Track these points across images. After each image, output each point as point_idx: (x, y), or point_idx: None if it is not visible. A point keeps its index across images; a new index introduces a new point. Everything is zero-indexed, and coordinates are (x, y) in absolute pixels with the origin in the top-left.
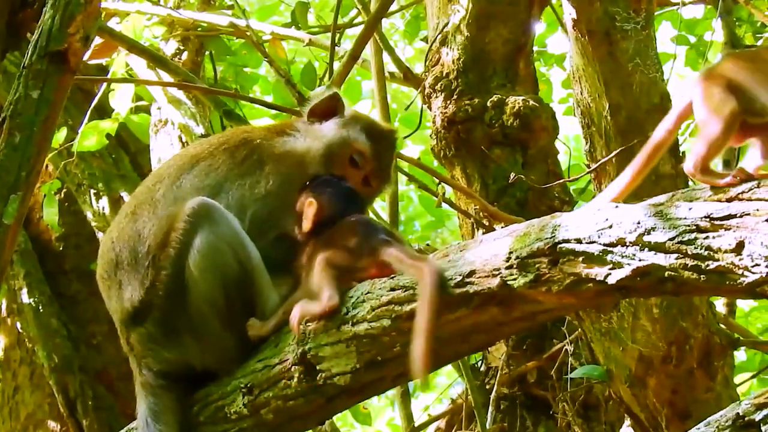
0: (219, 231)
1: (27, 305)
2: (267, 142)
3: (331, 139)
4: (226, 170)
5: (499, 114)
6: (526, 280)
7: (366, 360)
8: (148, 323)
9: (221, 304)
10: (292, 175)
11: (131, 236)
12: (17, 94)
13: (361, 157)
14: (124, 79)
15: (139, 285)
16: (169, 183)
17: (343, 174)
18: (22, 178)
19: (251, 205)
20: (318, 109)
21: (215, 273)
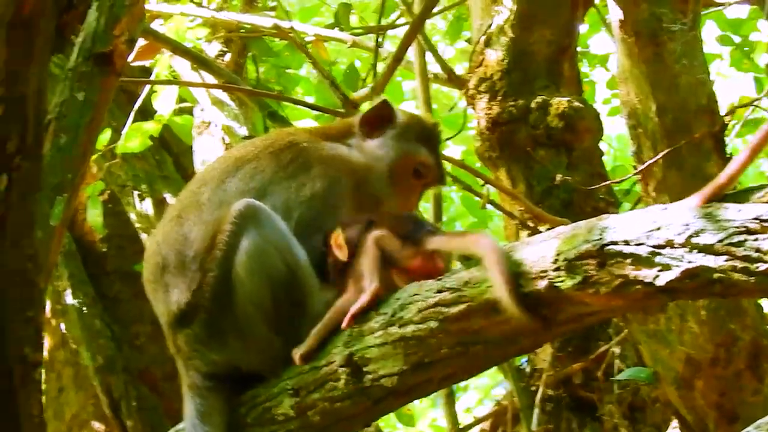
0: (265, 233)
1: (71, 306)
2: (313, 145)
3: (395, 157)
4: (272, 173)
5: (544, 115)
6: (573, 282)
7: (413, 362)
8: (195, 325)
9: (268, 306)
10: (340, 180)
11: (177, 240)
12: (63, 97)
13: (425, 167)
14: (168, 80)
15: (186, 288)
16: (214, 186)
17: (406, 186)
18: (68, 180)
19: (297, 208)
20: (369, 119)
21: (262, 275)
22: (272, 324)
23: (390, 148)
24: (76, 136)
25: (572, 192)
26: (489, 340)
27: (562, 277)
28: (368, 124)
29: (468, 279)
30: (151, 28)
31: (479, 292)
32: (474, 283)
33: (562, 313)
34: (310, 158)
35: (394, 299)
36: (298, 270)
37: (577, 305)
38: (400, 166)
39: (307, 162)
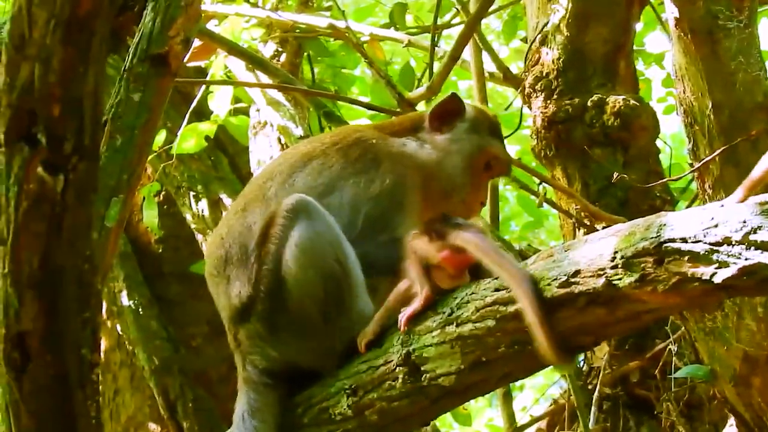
0: (316, 227)
1: (127, 308)
2: (382, 141)
3: (470, 151)
4: (340, 169)
5: (600, 114)
6: (631, 280)
7: (470, 361)
8: (254, 319)
9: (320, 299)
10: (408, 176)
11: (241, 232)
12: (118, 97)
13: (496, 160)
14: (223, 81)
15: (247, 281)
16: (281, 181)
17: (477, 179)
18: (124, 181)
19: (365, 204)
20: (439, 113)
21: (313, 268)
22: (326, 318)
23: (464, 141)
24: (132, 137)
25: (628, 190)
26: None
27: (619, 274)
28: (438, 118)
29: None
30: (207, 29)
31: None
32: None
33: (620, 311)
34: (378, 154)
35: (452, 298)
36: (348, 267)
37: (635, 303)
38: (475, 160)
39: (376, 158)
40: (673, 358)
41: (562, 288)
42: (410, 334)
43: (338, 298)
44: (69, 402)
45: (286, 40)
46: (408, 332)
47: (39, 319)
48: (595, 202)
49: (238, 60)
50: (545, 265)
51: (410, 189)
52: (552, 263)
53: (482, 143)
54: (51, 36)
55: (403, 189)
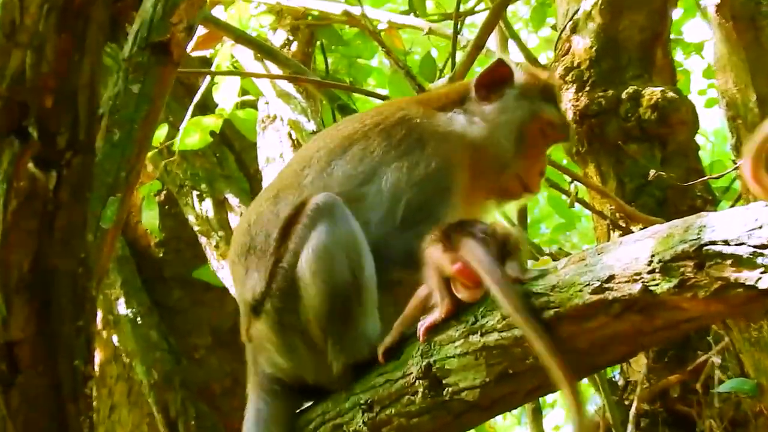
0: (337, 233)
1: (124, 316)
2: (428, 120)
3: (521, 118)
4: (382, 153)
5: (635, 107)
6: (669, 286)
7: (496, 373)
8: (264, 317)
9: (324, 313)
10: (456, 157)
11: (270, 220)
12: (116, 89)
13: (551, 127)
14: (230, 71)
15: (263, 273)
16: (318, 169)
17: (533, 148)
18: (122, 179)
19: (407, 191)
20: (486, 81)
21: (324, 278)
22: (324, 332)
23: (514, 109)
24: (131, 132)
25: (667, 189)
26: (578, 350)
27: (657, 280)
28: (485, 87)
29: (556, 283)
30: (212, 16)
31: (568, 297)
32: (563, 287)
33: (658, 319)
34: (424, 134)
35: (476, 305)
36: (361, 281)
37: (673, 311)
38: (528, 128)
39: (421, 138)
40: (716, 372)
41: (594, 294)
42: (431, 345)
43: (343, 315)
44: (61, 418)
45: (297, 28)
46: (428, 342)
47: (29, 328)
48: (630, 202)
49: (245, 49)
50: (577, 269)
51: (458, 170)
52: (584, 267)
53: (533, 109)
54: (44, 22)
55: (450, 172)
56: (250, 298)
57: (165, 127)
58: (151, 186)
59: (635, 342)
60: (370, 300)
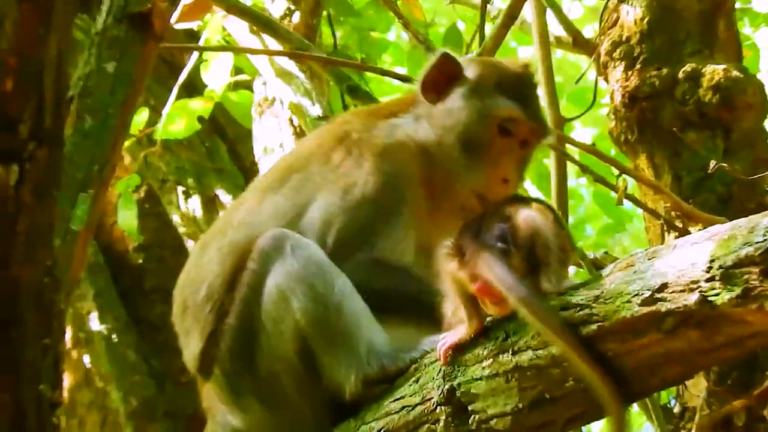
0: (292, 270)
1: (97, 334)
2: (368, 132)
3: (467, 118)
4: (321, 179)
5: (694, 88)
6: (732, 296)
7: (531, 398)
8: (214, 381)
9: (297, 367)
10: (402, 172)
11: (197, 275)
12: (88, 68)
13: (513, 122)
14: (221, 47)
15: (199, 335)
16: (250, 205)
17: (494, 151)
18: (95, 173)
19: (339, 217)
20: (431, 80)
21: (286, 322)
22: (302, 388)
23: (460, 110)
24: (106, 118)
25: (731, 184)
26: (625, 370)
27: (717, 289)
28: (432, 86)
29: (600, 293)
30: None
31: (613, 310)
32: (608, 297)
33: (719, 335)
34: (363, 150)
35: (506, 319)
36: (332, 298)
37: (737, 325)
38: (480, 130)
39: (361, 155)
40: None
41: (644, 306)
42: (454, 365)
43: (328, 344)
44: None
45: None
46: (451, 362)
47: None
48: (688, 199)
49: (239, 21)
50: (624, 276)
51: (407, 185)
52: (632, 275)
53: (484, 106)
54: None
55: (395, 189)
56: (192, 361)
57: (145, 113)
58: (128, 181)
59: (692, 362)
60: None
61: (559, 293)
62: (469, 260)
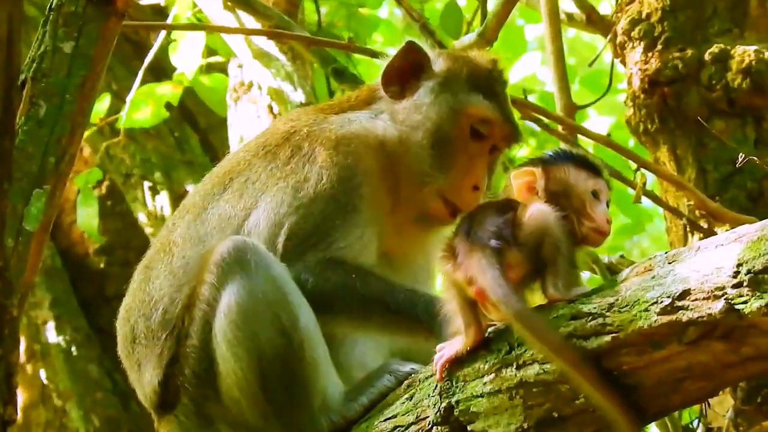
0: (253, 285)
1: (55, 346)
2: (319, 126)
3: (437, 114)
4: (267, 178)
5: (722, 71)
6: (761, 304)
7: (538, 417)
8: (179, 411)
9: (256, 389)
10: (358, 165)
11: (143, 300)
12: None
13: (485, 123)
14: (191, 25)
15: (157, 363)
16: (192, 217)
17: (464, 154)
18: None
19: (288, 217)
20: (394, 72)
21: (249, 344)
22: (267, 412)
23: (429, 106)
24: (62, 105)
25: (762, 179)
26: (643, 386)
27: (745, 296)
28: (396, 79)
29: (615, 300)
30: None
31: (629, 319)
32: (623, 306)
33: (747, 346)
34: (314, 144)
35: (510, 329)
36: (295, 335)
37: (767, 336)
38: (450, 130)
39: (312, 150)
40: None
41: (664, 315)
42: (452, 380)
43: (285, 382)
44: None
45: None
46: (449, 377)
47: None
48: (715, 196)
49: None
50: (641, 282)
51: (365, 180)
52: (651, 280)
53: (456, 103)
54: None
55: (352, 184)
56: (151, 394)
57: (107, 99)
58: (89, 176)
59: (717, 377)
60: (317, 356)
61: (569, 300)
62: (461, 262)
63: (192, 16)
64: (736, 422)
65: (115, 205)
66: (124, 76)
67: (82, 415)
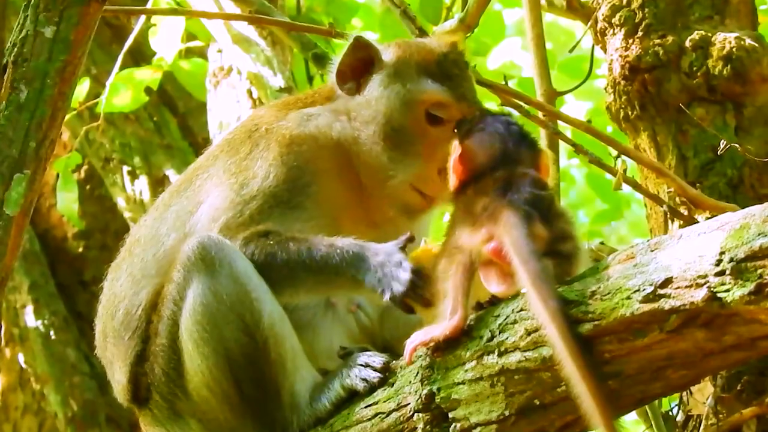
0: (217, 284)
1: (33, 330)
2: (277, 123)
3: (388, 106)
4: (222, 173)
5: (703, 58)
6: (743, 292)
7: (519, 404)
8: (152, 405)
9: (225, 387)
10: (308, 166)
11: (109, 299)
12: (24, 32)
13: (441, 107)
14: (171, 9)
15: (123, 362)
16: (157, 215)
17: (426, 141)
18: (31, 151)
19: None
20: (346, 69)
21: (212, 345)
22: (237, 409)
23: (379, 98)
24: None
25: (742, 167)
26: (623, 374)
27: (727, 284)
28: (351, 75)
29: (596, 288)
30: None
31: (611, 307)
32: (605, 293)
33: (729, 335)
34: (270, 142)
35: (492, 316)
36: (258, 334)
37: (749, 324)
38: (405, 118)
39: (266, 148)
40: None
41: (646, 303)
42: (433, 367)
43: (254, 378)
44: None
45: None
46: (429, 365)
47: None
48: (695, 183)
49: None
50: (623, 270)
51: (314, 179)
52: (633, 268)
53: (407, 92)
54: None
55: (297, 182)
56: (122, 391)
57: (87, 83)
58: (68, 160)
59: (698, 365)
60: (283, 352)
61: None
62: (489, 217)
63: (172, 1)
64: (716, 410)
65: (93, 190)
66: (103, 60)
67: (60, 399)
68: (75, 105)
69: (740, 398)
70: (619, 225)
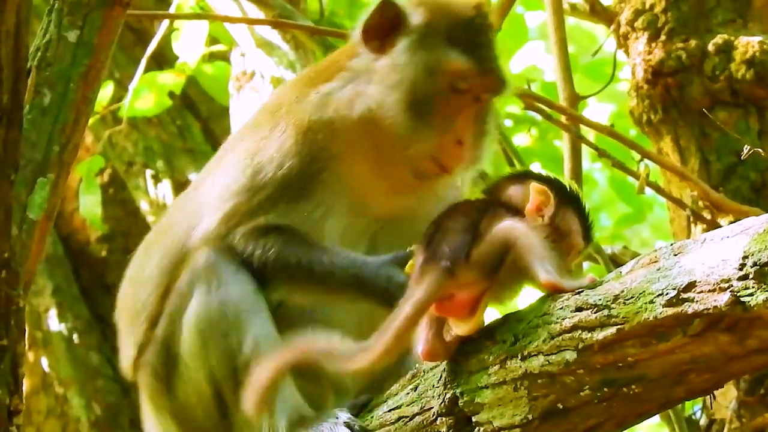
0: (213, 302)
1: (56, 334)
2: (298, 104)
3: (413, 74)
4: (242, 152)
5: (725, 62)
6: (766, 296)
7: (542, 408)
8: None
9: (211, 407)
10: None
11: (133, 278)
12: (47, 37)
13: (464, 78)
14: (194, 14)
15: (134, 343)
16: (191, 194)
17: (445, 109)
18: (54, 155)
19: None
20: (373, 28)
21: (202, 362)
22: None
23: (405, 66)
24: (66, 93)
25: (765, 170)
26: (648, 378)
27: (750, 288)
28: (376, 36)
29: (620, 291)
30: None
31: (635, 311)
32: (628, 297)
33: (752, 339)
34: (288, 126)
35: (515, 320)
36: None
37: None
38: (428, 88)
39: (284, 132)
40: None
41: (669, 307)
42: (456, 372)
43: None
44: None
45: None
46: (453, 369)
47: None
48: (718, 187)
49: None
50: (647, 274)
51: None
52: (656, 272)
53: (432, 60)
54: None
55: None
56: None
57: (110, 87)
58: (91, 163)
59: (722, 369)
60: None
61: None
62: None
63: (195, 5)
64: (739, 414)
65: (116, 193)
66: (126, 64)
67: (83, 403)
68: (98, 109)
69: (763, 402)
70: (641, 228)
